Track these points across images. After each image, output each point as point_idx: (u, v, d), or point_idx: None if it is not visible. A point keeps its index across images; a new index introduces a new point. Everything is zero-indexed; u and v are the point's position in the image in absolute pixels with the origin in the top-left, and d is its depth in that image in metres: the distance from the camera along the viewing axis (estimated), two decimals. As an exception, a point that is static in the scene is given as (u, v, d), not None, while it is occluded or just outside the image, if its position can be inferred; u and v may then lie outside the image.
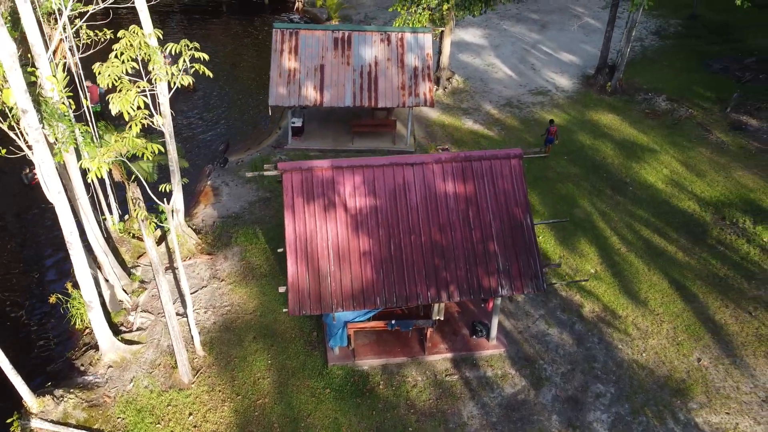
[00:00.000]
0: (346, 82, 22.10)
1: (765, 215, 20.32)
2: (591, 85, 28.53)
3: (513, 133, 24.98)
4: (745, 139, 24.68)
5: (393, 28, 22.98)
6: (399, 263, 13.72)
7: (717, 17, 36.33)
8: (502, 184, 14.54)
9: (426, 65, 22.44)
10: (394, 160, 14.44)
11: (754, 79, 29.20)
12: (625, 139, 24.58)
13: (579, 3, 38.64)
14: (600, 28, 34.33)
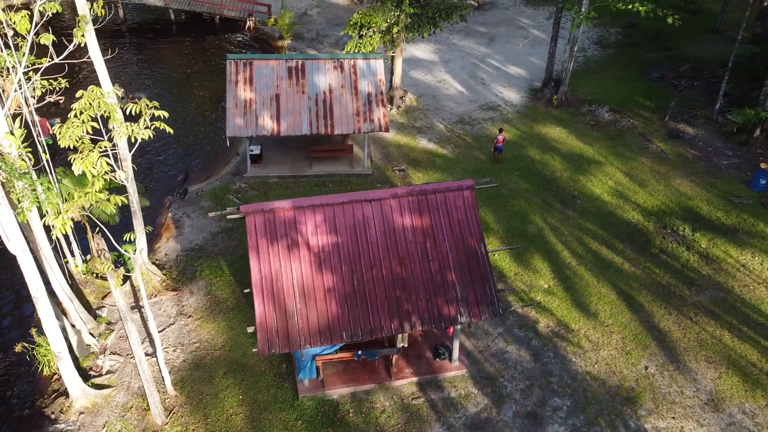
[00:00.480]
0: (302, 110, 22.57)
1: (702, 222, 21.72)
2: (538, 98, 29.69)
3: (466, 150, 25.87)
4: (683, 147, 26.17)
5: (345, 55, 23.54)
6: (362, 297, 14.34)
7: (654, 25, 38.08)
8: (457, 216, 15.31)
9: (379, 91, 23.09)
10: (353, 197, 15.04)
11: (689, 86, 30.88)
12: (572, 152, 25.75)
13: (524, 14, 39.93)
14: (545, 39, 35.62)
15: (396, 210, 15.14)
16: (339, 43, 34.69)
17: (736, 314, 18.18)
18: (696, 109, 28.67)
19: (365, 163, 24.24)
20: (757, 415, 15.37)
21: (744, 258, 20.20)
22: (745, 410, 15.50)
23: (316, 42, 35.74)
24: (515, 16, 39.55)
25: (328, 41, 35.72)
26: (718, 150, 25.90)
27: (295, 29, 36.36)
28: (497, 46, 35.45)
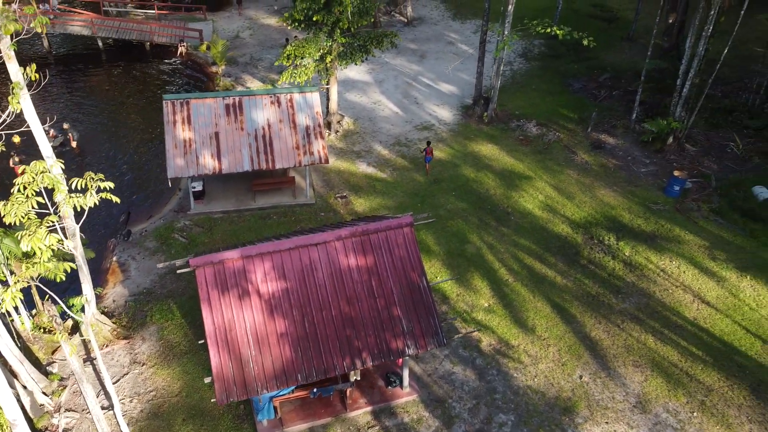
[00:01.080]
0: (242, 147, 23.00)
1: (625, 231, 23.46)
2: (470, 115, 31.02)
3: (404, 173, 26.86)
4: (605, 157, 28.01)
5: (282, 90, 24.08)
6: (314, 339, 15.06)
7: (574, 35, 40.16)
8: (398, 252, 16.22)
9: (317, 123, 23.77)
10: (299, 242, 15.72)
11: (608, 97, 32.92)
12: (504, 169, 27.14)
13: (452, 29, 41.34)
14: (473, 53, 37.11)
15: (341, 252, 15.91)
16: (273, 67, 35.08)
17: (658, 318, 19.87)
18: (615, 119, 30.66)
19: (308, 192, 24.87)
20: (679, 413, 16.98)
21: (663, 263, 22.01)
22: (669, 409, 17.09)
23: (251, 66, 36.01)
24: (444, 31, 40.90)
25: (262, 65, 36.05)
26: (636, 158, 27.86)
27: (229, 55, 36.49)
28: (428, 63, 36.66)
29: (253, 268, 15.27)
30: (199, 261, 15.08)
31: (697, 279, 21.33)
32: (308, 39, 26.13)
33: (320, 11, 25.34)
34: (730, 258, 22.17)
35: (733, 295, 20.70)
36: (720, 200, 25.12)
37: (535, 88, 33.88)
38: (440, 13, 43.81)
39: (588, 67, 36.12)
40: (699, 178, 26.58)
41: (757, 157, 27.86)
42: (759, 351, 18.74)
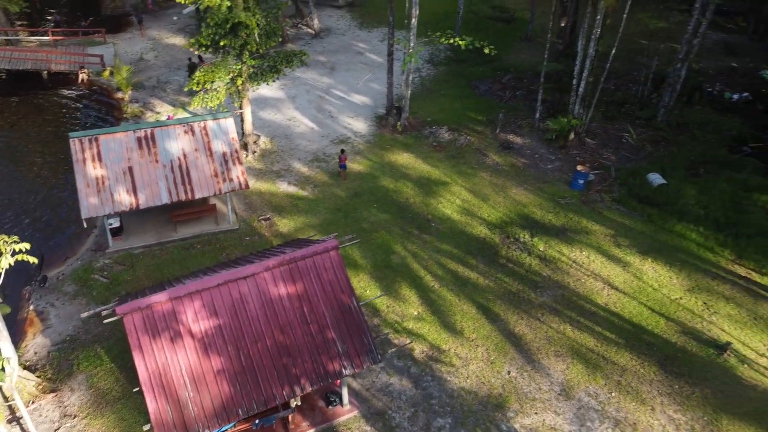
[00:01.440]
0: (158, 179, 22.68)
1: (537, 227, 24.93)
2: (384, 126, 31.80)
3: (325, 189, 27.27)
4: (514, 157, 29.54)
5: (194, 118, 23.90)
6: (252, 372, 15.29)
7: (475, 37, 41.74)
8: (327, 276, 16.68)
9: (234, 150, 23.78)
10: (228, 277, 15.86)
11: (512, 97, 34.62)
12: (421, 176, 28.09)
13: (359, 38, 42.02)
14: (382, 62, 37.94)
15: (270, 282, 16.19)
16: (182, 90, 34.51)
17: (574, 308, 21.36)
18: (521, 119, 32.34)
19: (230, 218, 24.83)
20: (599, 395, 18.42)
21: (574, 254, 23.61)
22: (590, 393, 18.50)
23: (159, 89, 35.26)
24: (352, 41, 41.50)
25: (170, 87, 35.37)
26: (543, 156, 29.55)
27: (134, 80, 35.52)
28: (339, 75, 37.16)
29: (183, 309, 15.29)
30: (126, 308, 14.95)
31: (605, 266, 23.05)
32: (217, 63, 26.02)
33: (227, 36, 25.31)
34: (632, 243, 24.08)
35: (638, 278, 22.54)
36: (620, 189, 27.12)
37: (443, 94, 35.11)
38: (347, 22, 44.39)
39: (492, 68, 37.77)
40: (600, 169, 28.55)
41: (649, 145, 30.22)
42: (663, 328, 20.55)
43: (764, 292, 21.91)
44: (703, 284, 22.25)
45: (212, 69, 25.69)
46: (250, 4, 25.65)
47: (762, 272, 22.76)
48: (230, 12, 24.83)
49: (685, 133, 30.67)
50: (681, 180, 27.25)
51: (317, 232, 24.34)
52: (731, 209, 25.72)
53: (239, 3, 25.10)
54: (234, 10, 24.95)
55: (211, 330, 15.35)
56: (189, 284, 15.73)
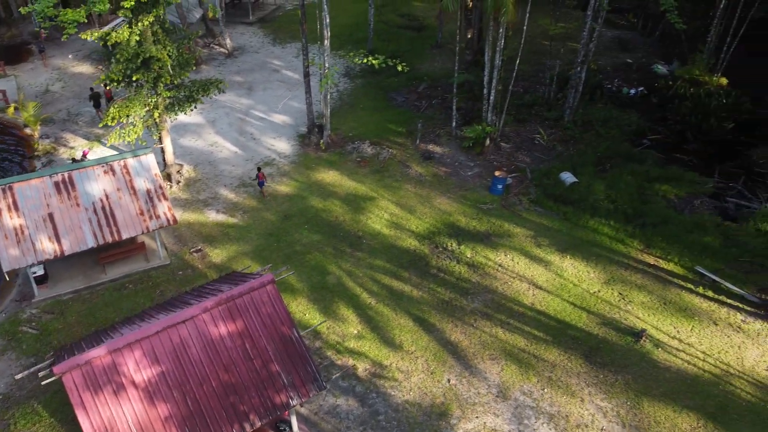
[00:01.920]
0: (81, 224, 22.19)
1: (463, 234, 26.12)
2: (307, 144, 32.18)
3: (255, 213, 27.39)
4: (435, 166, 30.67)
5: (113, 157, 23.50)
6: (200, 415, 15.47)
7: (389, 47, 42.77)
8: (266, 310, 17.04)
9: (157, 186, 23.56)
10: (166, 322, 15.94)
11: (429, 106, 35.80)
12: (349, 193, 28.71)
13: (274, 55, 42.08)
14: (299, 79, 38.21)
15: (210, 323, 16.39)
16: (95, 121, 33.54)
17: (504, 310, 22.64)
18: (438, 128, 33.55)
19: (161, 253, 24.58)
20: (533, 393, 19.72)
21: (499, 258, 24.94)
22: (525, 391, 19.78)
23: (70, 122, 34.10)
24: (266, 59, 41.50)
25: (82, 120, 34.29)
26: (462, 163, 30.85)
27: (42, 115, 34.15)
28: (257, 95, 37.16)
29: (124, 361, 15.27)
30: (64, 366, 14.78)
31: (529, 267, 24.51)
32: (131, 98, 25.60)
33: (138, 70, 24.98)
34: (551, 242, 25.69)
35: (559, 275, 24.12)
36: (536, 190, 28.78)
37: (362, 107, 35.84)
38: (259, 39, 44.30)
39: (407, 78, 38.75)
40: (517, 172, 30.14)
41: (559, 144, 32.13)
42: (586, 321, 22.17)
43: (671, 278, 23.99)
44: (618, 275, 24.10)
45: (127, 104, 25.26)
46: (159, 36, 25.40)
47: (668, 259, 24.87)
48: (140, 46, 24.52)
49: (591, 130, 32.77)
50: (590, 176, 29.19)
51: (251, 260, 24.53)
52: (637, 201, 27.87)
53: (148, 37, 24.82)
54: (144, 44, 24.66)
55: (155, 378, 15.41)
56: (128, 334, 15.70)
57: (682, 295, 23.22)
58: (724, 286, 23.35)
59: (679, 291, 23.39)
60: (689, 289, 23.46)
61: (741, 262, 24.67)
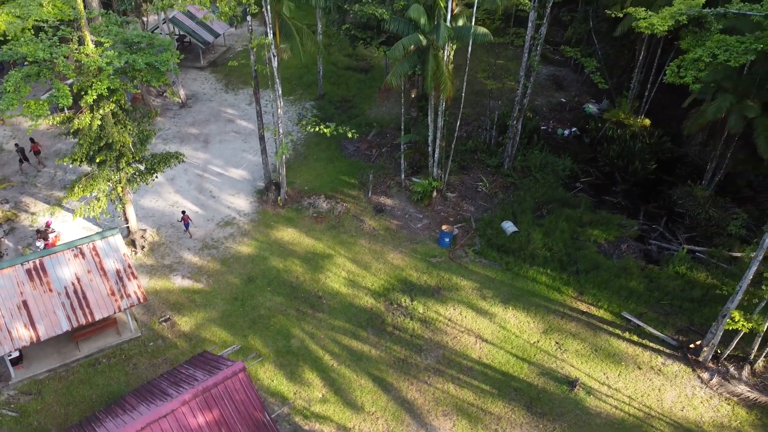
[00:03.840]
0: (55, 308, 23.41)
1: (416, 289, 28.37)
2: (265, 201, 33.82)
3: (219, 278, 28.96)
4: (387, 219, 32.83)
5: (82, 240, 24.72)
6: (184, 502, 17.21)
7: (339, 91, 44.75)
8: (238, 397, 18.86)
9: (126, 265, 24.92)
10: (148, 419, 17.58)
11: (379, 155, 37.90)
12: (307, 252, 30.57)
13: (227, 103, 43.37)
14: (254, 128, 39.75)
15: (188, 414, 18.11)
16: (55, 182, 34.28)
17: (454, 365, 24.99)
18: (389, 178, 35.69)
19: (131, 326, 25.94)
20: (482, 445, 22.14)
21: (448, 313, 27.30)
22: (474, 444, 22.17)
23: (28, 185, 34.70)
24: (220, 107, 42.78)
25: (41, 181, 34.93)
26: (412, 216, 33.10)
27: (0, 178, 34.72)
28: (214, 148, 38.49)
29: (113, 460, 16.86)
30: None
31: (475, 320, 26.95)
32: (94, 176, 26.79)
33: (101, 151, 26.20)
34: (495, 294, 28.20)
35: (503, 327, 26.64)
36: (480, 241, 31.27)
37: (316, 158, 37.65)
38: (212, 85, 45.47)
39: (357, 124, 40.74)
40: (462, 222, 32.60)
41: (500, 192, 34.76)
42: (527, 372, 24.74)
43: (601, 324, 26.84)
44: (555, 324, 26.79)
45: (90, 182, 26.45)
46: (120, 117, 26.64)
47: (598, 305, 27.73)
48: (102, 131, 25.76)
49: (529, 176, 35.53)
50: (529, 224, 31.86)
51: (218, 327, 26.15)
52: (571, 247, 30.70)
53: (109, 120, 26.06)
54: (105, 128, 25.90)
55: (142, 473, 17.05)
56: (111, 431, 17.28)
57: (611, 341, 26.08)
58: (647, 330, 26.32)
59: (608, 337, 26.25)
60: (617, 335, 26.34)
61: (662, 305, 27.74)
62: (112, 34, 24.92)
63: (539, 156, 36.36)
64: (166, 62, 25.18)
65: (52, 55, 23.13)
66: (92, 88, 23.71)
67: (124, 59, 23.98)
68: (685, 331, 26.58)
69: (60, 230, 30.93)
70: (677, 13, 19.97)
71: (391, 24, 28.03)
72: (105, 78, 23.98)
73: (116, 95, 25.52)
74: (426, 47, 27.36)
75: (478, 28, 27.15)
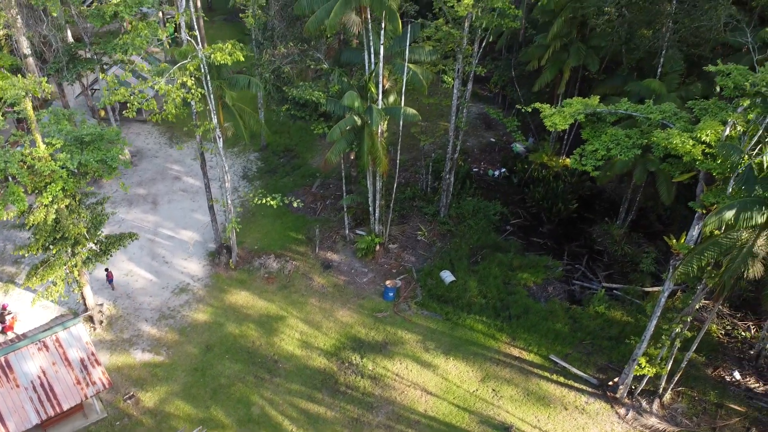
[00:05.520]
0: (23, 403, 24.64)
1: (365, 346, 30.77)
2: (217, 264, 35.47)
3: (178, 348, 30.54)
4: (335, 275, 35.07)
5: (45, 333, 25.96)
6: None
7: (282, 141, 46.52)
8: (209, 485, 20.80)
9: (90, 353, 26.31)
10: None
11: (323, 208, 40.04)
12: (261, 315, 32.49)
13: (173, 159, 44.51)
14: (200, 186, 41.11)
15: (164, 507, 19.96)
16: (7, 257, 34.92)
17: (403, 421, 27.55)
18: (334, 232, 37.91)
19: (97, 407, 27.34)
20: (430, 496, 24.80)
21: (395, 367, 29.83)
22: (424, 496, 24.82)
23: (-22, 261, 35.23)
24: (166, 164, 43.90)
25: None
26: (357, 270, 35.46)
27: (-51, 257, 35.08)
28: (163, 209, 39.72)
29: None
30: None
31: (420, 373, 29.58)
32: (50, 264, 27.96)
33: (57, 243, 27.41)
34: (437, 345, 30.91)
35: (445, 378, 29.37)
36: (422, 292, 33.93)
37: (263, 214, 39.43)
38: (155, 140, 46.44)
39: (301, 175, 42.79)
40: (405, 273, 35.18)
41: (437, 240, 37.52)
42: (468, 422, 27.55)
43: (531, 368, 29.93)
44: (491, 372, 29.72)
45: (48, 270, 27.61)
46: (74, 206, 27.87)
47: (529, 350, 30.83)
48: (57, 224, 26.98)
49: (463, 222, 38.40)
50: (465, 272, 34.73)
51: (181, 401, 27.83)
52: (504, 292, 33.73)
53: (64, 213, 27.28)
54: (60, 221, 27.12)
55: None
56: None
57: (541, 384, 29.21)
58: (572, 371, 29.58)
59: (539, 380, 29.37)
60: (546, 377, 29.49)
61: (584, 344, 31.10)
62: (62, 134, 26.16)
63: (472, 202, 39.26)
64: (117, 158, 26.60)
65: (6, 164, 24.25)
66: (46, 191, 24.97)
67: (76, 161, 25.33)
68: (604, 369, 29.98)
69: (16, 310, 31.79)
70: (576, 112, 23.03)
71: (327, 106, 30.24)
72: (58, 179, 25.25)
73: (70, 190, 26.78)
74: (361, 126, 29.70)
75: (407, 109, 29.68)
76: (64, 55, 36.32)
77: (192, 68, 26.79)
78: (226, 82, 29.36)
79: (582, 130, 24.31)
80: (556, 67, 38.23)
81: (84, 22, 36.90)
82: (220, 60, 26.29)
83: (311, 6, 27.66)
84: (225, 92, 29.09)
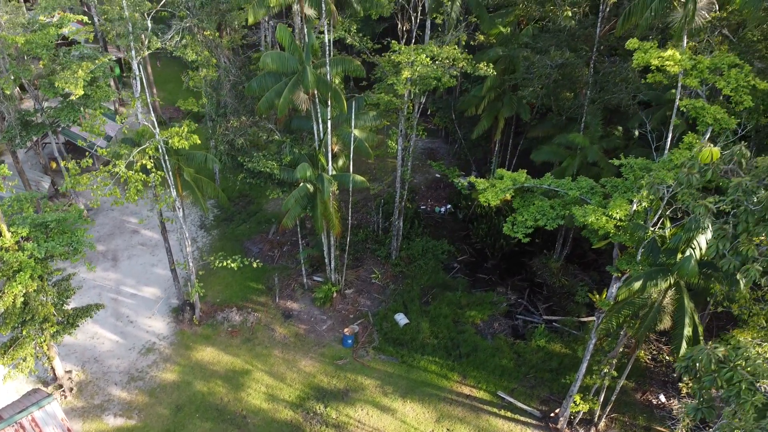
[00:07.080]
0: (5, 486, 25.87)
1: (327, 395, 32.96)
2: (181, 320, 36.97)
3: (150, 411, 32.02)
4: (295, 324, 37.10)
5: (21, 414, 27.15)
6: None
7: (235, 186, 47.99)
8: None
9: (66, 429, 27.64)
10: None
11: (281, 255, 41.94)
12: (227, 370, 34.25)
13: (129, 211, 45.51)
14: (159, 238, 42.36)
15: None
16: None
17: (366, 466, 29.93)
18: (292, 280, 39.89)
19: (75, 478, 28.71)
20: None
21: (357, 414, 32.15)
22: None
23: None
24: (122, 217, 44.90)
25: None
26: (317, 318, 37.59)
27: None
28: (123, 266, 40.84)
29: None
30: None
31: (380, 418, 32.00)
32: (20, 342, 29.05)
33: (26, 323, 28.54)
34: (395, 389, 33.38)
35: (403, 422, 31.88)
36: (378, 336, 36.33)
37: (223, 266, 40.95)
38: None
39: (257, 222, 44.54)
40: (361, 318, 37.50)
41: (391, 282, 39.98)
42: (425, 463, 30.13)
43: (482, 405, 32.75)
44: (445, 412, 32.39)
45: (17, 350, 28.72)
46: (41, 286, 29.03)
47: (478, 387, 33.64)
48: (26, 306, 28.13)
49: (414, 263, 40.97)
50: (418, 314, 37.29)
51: (157, 464, 29.45)
52: (454, 331, 36.44)
53: (32, 294, 28.44)
54: (29, 303, 28.27)
55: None
56: None
57: (490, 420, 32.07)
58: (517, 406, 32.54)
59: (488, 417, 32.22)
60: (494, 413, 32.37)
61: (528, 378, 34.13)
62: (27, 222, 27.34)
63: (421, 243, 41.88)
64: (82, 241, 27.95)
65: (-25, 259, 25.36)
66: (15, 279, 26.17)
67: (43, 249, 26.60)
68: (547, 401, 33.07)
69: (-15, 384, 32.63)
70: (506, 189, 25.83)
71: (281, 175, 32.23)
72: (27, 267, 26.47)
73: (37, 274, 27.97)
74: (314, 193, 31.82)
75: (356, 177, 31.96)
76: (16, 125, 37.02)
77: (150, 152, 28.35)
78: (183, 158, 30.97)
79: (513, 200, 27.06)
80: (491, 116, 41.18)
81: (35, 91, 37.65)
82: (178, 145, 27.95)
83: (261, 89, 29.56)
84: (183, 169, 30.69)
